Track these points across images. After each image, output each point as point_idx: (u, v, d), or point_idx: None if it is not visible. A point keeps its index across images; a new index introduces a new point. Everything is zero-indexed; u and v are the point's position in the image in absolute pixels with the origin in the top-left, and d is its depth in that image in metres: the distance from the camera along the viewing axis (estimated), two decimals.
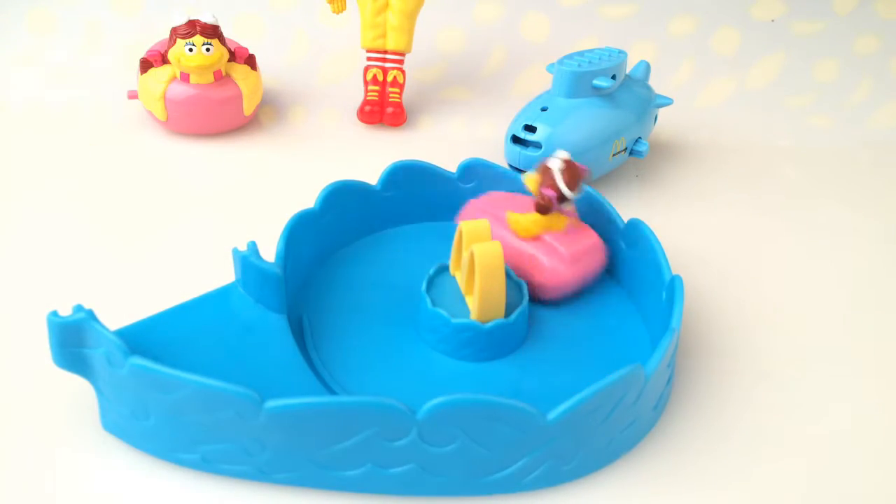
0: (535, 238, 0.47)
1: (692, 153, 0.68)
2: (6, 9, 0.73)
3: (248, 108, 0.65)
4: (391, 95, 0.68)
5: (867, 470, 0.41)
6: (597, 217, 0.50)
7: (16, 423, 0.40)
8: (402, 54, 0.67)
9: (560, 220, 0.47)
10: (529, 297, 0.46)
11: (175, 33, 0.61)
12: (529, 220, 0.47)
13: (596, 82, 0.59)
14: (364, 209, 0.51)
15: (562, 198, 0.46)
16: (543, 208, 0.46)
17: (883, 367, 0.47)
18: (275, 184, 0.60)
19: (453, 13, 0.77)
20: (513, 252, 0.47)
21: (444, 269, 0.47)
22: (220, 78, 0.63)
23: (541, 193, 0.46)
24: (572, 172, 0.46)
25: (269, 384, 0.37)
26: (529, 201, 0.48)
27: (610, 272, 0.50)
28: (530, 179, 0.47)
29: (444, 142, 0.67)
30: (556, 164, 0.46)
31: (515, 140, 0.59)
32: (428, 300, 0.44)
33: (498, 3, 0.78)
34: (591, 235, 0.48)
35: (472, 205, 0.51)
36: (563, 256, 0.46)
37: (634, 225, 0.48)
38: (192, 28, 0.61)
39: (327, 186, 0.49)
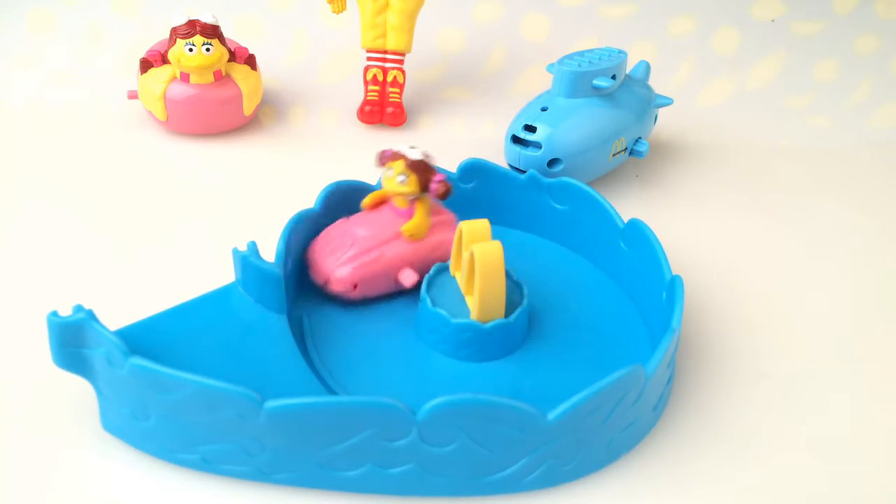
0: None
1: (692, 153, 0.68)
2: (6, 9, 0.73)
3: (248, 108, 0.65)
4: (391, 95, 0.68)
5: (868, 470, 0.41)
6: (597, 217, 0.50)
7: (16, 424, 0.40)
8: (402, 54, 0.67)
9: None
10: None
11: (175, 33, 0.61)
12: (421, 217, 0.47)
13: (596, 82, 0.59)
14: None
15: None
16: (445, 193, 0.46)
17: (883, 367, 0.47)
18: (275, 184, 0.60)
19: (453, 13, 0.77)
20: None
21: (444, 269, 0.47)
22: (220, 78, 0.63)
23: (439, 181, 0.46)
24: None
25: (269, 384, 0.37)
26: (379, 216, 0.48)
27: (610, 272, 0.50)
28: (388, 180, 0.46)
29: (444, 142, 0.67)
30: (417, 153, 0.46)
31: (515, 140, 0.59)
32: (428, 300, 0.44)
33: (498, 3, 0.78)
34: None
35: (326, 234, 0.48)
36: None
37: (634, 225, 0.48)
38: (192, 28, 0.61)
39: (327, 186, 0.49)
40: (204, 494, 0.37)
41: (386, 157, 0.46)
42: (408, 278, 0.46)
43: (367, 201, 0.48)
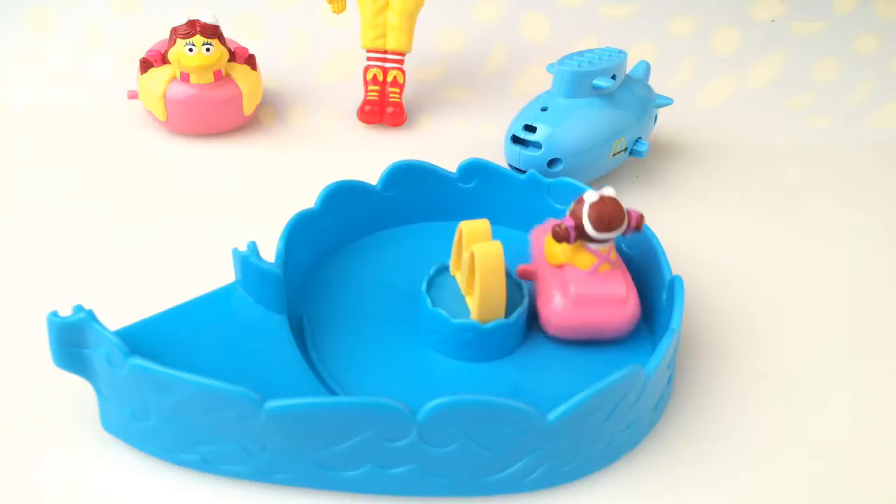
0: (560, 267, 0.44)
1: (692, 153, 0.68)
2: (6, 9, 0.73)
3: (248, 108, 0.65)
4: (391, 95, 0.68)
5: (868, 469, 0.41)
6: None
7: (16, 423, 0.40)
8: (402, 54, 0.67)
9: (585, 259, 0.43)
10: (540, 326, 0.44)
11: (175, 33, 0.61)
12: (557, 246, 0.44)
13: (596, 82, 0.59)
14: (364, 209, 0.51)
15: (581, 233, 0.42)
16: (557, 236, 0.43)
17: (883, 367, 0.47)
18: (275, 184, 0.60)
19: (453, 13, 0.77)
20: (538, 276, 0.45)
21: (444, 269, 0.47)
22: (220, 78, 0.63)
23: (561, 221, 0.43)
24: (603, 210, 0.42)
25: (269, 384, 0.37)
26: None
27: None
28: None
29: (444, 142, 0.67)
30: (591, 196, 0.42)
31: (515, 140, 0.59)
32: (428, 300, 0.44)
33: (498, 3, 0.78)
34: (618, 286, 0.43)
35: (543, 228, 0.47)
36: (569, 295, 0.43)
37: None
38: (192, 28, 0.60)
39: (327, 186, 0.49)
40: (204, 494, 0.37)
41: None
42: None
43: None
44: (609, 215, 0.42)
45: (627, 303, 0.43)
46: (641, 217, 0.44)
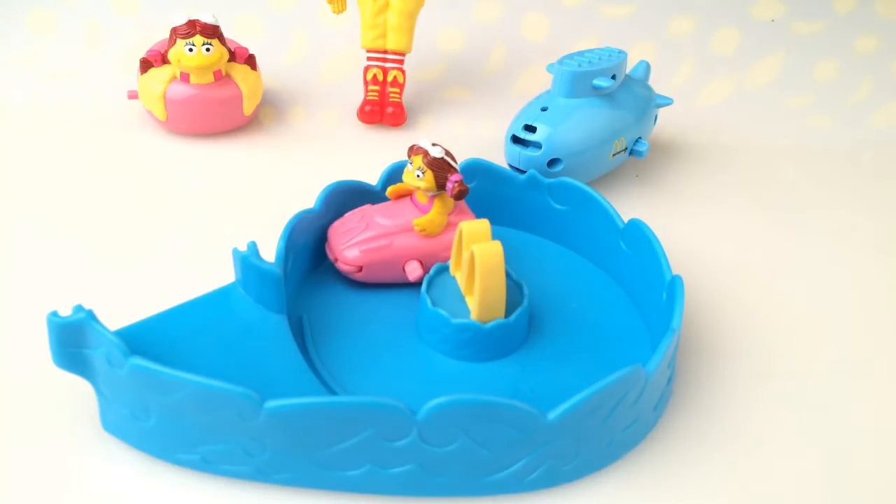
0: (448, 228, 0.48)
1: (692, 153, 0.68)
2: (6, 9, 0.73)
3: (248, 108, 0.65)
4: (391, 95, 0.68)
5: (869, 470, 0.41)
6: (597, 217, 0.50)
7: (16, 424, 0.40)
8: (402, 54, 0.67)
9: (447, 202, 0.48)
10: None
11: (175, 33, 0.61)
12: (435, 214, 0.47)
13: (596, 82, 0.59)
14: None
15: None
16: (464, 193, 0.46)
17: (883, 367, 0.47)
18: (275, 184, 0.60)
19: (453, 13, 0.77)
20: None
21: (444, 269, 0.47)
22: (220, 78, 0.63)
23: (456, 181, 0.46)
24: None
25: (269, 384, 0.37)
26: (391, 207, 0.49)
27: (610, 272, 0.50)
28: (407, 173, 0.47)
29: (444, 142, 0.67)
30: (437, 151, 0.46)
31: (515, 140, 0.59)
32: (428, 300, 0.44)
33: (498, 3, 0.78)
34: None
35: (335, 228, 0.49)
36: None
37: (634, 225, 0.48)
38: (192, 28, 0.60)
39: (327, 186, 0.49)
40: (204, 494, 0.37)
41: (411, 150, 0.47)
42: (412, 272, 0.47)
43: (391, 190, 0.49)
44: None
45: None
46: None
